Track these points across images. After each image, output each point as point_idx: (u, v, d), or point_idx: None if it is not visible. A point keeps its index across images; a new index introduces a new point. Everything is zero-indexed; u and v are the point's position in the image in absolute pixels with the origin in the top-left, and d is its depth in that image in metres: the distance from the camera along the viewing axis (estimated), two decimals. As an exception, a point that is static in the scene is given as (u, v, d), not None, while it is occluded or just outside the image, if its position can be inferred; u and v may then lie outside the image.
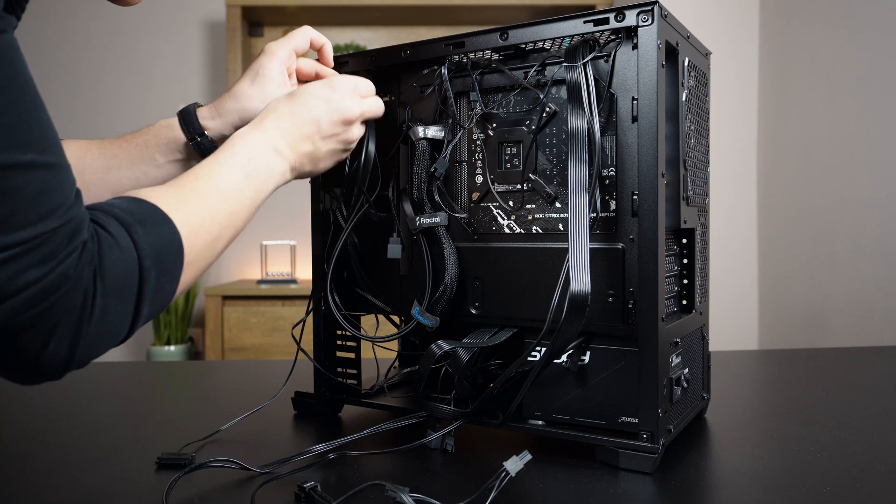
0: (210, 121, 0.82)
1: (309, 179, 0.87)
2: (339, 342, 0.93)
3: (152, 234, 0.54)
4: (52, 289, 0.46)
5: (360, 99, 0.79)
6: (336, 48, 2.96)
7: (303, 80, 0.87)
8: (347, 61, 0.88)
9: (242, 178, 0.68)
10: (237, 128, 0.81)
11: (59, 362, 0.49)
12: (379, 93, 0.84)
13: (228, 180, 0.67)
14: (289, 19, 2.93)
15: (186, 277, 0.59)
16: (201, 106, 0.84)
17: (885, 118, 1.84)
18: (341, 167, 0.84)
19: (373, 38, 3.04)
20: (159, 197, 0.58)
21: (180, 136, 0.82)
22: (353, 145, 0.81)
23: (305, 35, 0.84)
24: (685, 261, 0.82)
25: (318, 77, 0.86)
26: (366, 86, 0.81)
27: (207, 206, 0.63)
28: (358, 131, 0.80)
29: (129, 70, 3.02)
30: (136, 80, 3.02)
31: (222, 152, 0.69)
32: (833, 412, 0.93)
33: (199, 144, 0.82)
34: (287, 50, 0.83)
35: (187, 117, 0.82)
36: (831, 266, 2.04)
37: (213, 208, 0.63)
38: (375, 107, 0.81)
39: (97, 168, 0.79)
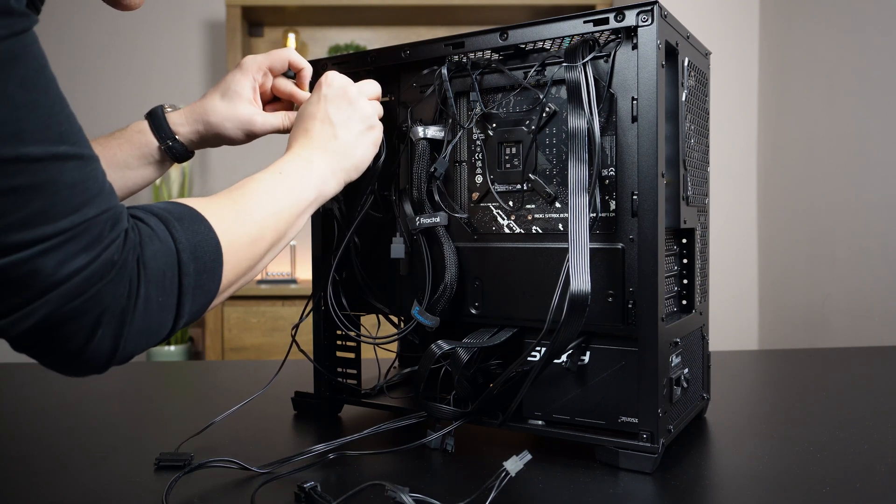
0: (181, 126, 0.84)
1: None
2: (339, 342, 0.93)
3: (189, 231, 0.55)
4: (100, 275, 0.47)
5: (347, 79, 0.79)
6: (336, 48, 2.96)
7: (278, 97, 0.87)
8: (347, 61, 0.88)
9: (274, 180, 0.68)
10: (203, 136, 0.84)
11: (103, 354, 0.49)
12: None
13: (259, 184, 0.67)
14: (289, 19, 2.93)
15: (228, 277, 0.59)
16: (170, 109, 0.85)
17: (885, 118, 1.84)
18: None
19: (373, 38, 3.04)
20: (192, 202, 0.59)
21: (152, 140, 0.84)
22: (375, 120, 0.80)
23: (284, 58, 0.85)
24: (685, 261, 0.82)
25: (291, 97, 0.87)
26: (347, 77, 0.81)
27: (241, 207, 0.63)
28: (369, 106, 0.79)
29: (129, 70, 3.02)
30: (136, 80, 3.01)
31: (257, 173, 0.70)
32: (833, 412, 0.93)
33: (171, 148, 0.84)
34: (262, 68, 0.85)
35: (157, 122, 0.84)
36: (831, 266, 2.04)
37: (248, 209, 0.63)
38: (372, 87, 0.81)
39: None
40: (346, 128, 0.76)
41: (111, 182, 0.82)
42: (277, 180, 0.69)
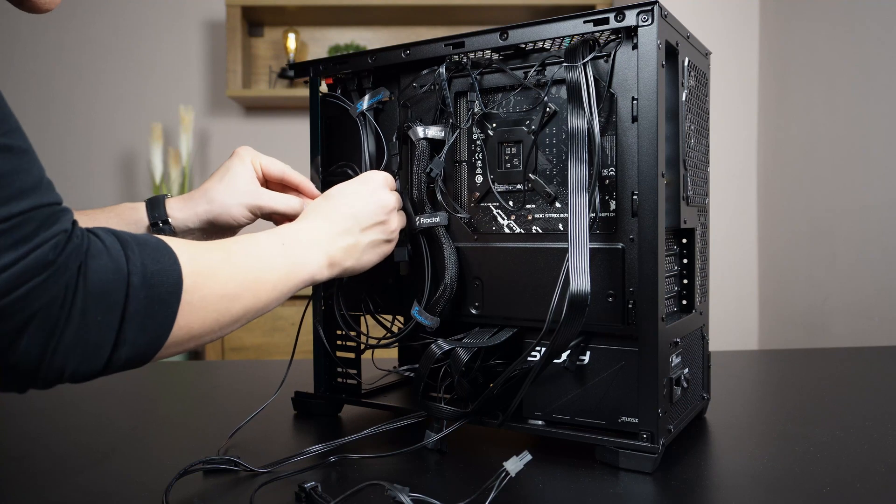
0: (177, 211, 0.81)
1: None
2: (339, 342, 0.93)
3: (148, 257, 0.51)
4: (30, 274, 0.44)
5: (391, 191, 0.79)
6: (336, 48, 2.96)
7: (270, 179, 0.86)
8: (347, 61, 0.88)
9: (274, 247, 0.66)
10: (203, 220, 0.81)
11: (29, 363, 0.46)
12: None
13: (256, 245, 0.64)
14: (289, 19, 2.92)
15: (190, 323, 0.54)
16: (169, 196, 0.83)
17: (885, 119, 1.84)
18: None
19: (373, 38, 3.04)
20: (173, 240, 0.55)
21: (143, 218, 0.81)
22: (396, 235, 0.80)
23: (280, 169, 0.85)
24: (685, 261, 0.82)
25: (283, 178, 0.85)
26: (392, 181, 0.81)
27: (227, 259, 0.60)
28: (397, 220, 0.79)
29: (129, 70, 3.02)
30: (136, 80, 3.01)
31: (260, 233, 0.67)
32: (833, 412, 0.93)
33: (161, 230, 0.80)
34: (256, 163, 0.84)
35: (155, 202, 0.81)
36: (831, 266, 2.04)
37: (233, 263, 0.60)
38: (400, 204, 0.81)
39: None
40: (368, 234, 0.76)
41: None
42: (278, 249, 0.66)
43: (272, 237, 0.67)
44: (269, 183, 0.86)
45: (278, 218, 0.84)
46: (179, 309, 0.53)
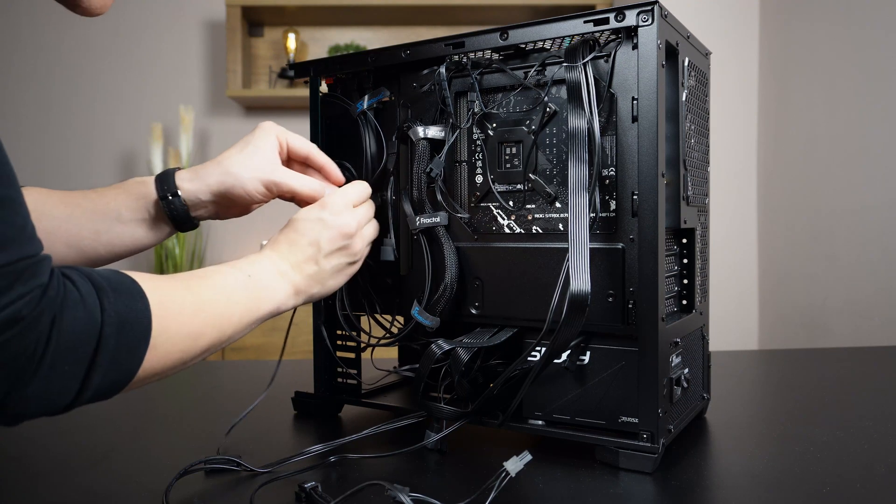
0: (187, 182, 0.78)
1: None
2: (339, 342, 0.93)
3: (121, 304, 0.51)
4: (1, 329, 0.43)
5: (354, 210, 0.78)
6: (336, 48, 2.96)
7: (294, 157, 0.83)
8: (347, 61, 0.88)
9: (239, 285, 0.66)
10: (214, 192, 0.78)
11: None
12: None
13: (224, 282, 0.64)
14: (289, 19, 2.93)
15: (152, 363, 0.54)
16: (181, 169, 0.80)
17: (885, 118, 1.84)
18: None
19: (373, 38, 3.04)
20: (143, 277, 0.55)
21: (151, 192, 0.78)
22: (362, 255, 0.79)
23: (307, 147, 0.83)
24: (685, 261, 0.82)
25: (308, 159, 0.83)
26: (356, 193, 0.79)
27: (193, 297, 0.60)
28: (361, 242, 0.78)
29: (129, 70, 3.02)
30: (136, 81, 3.02)
31: (225, 264, 0.67)
32: (833, 412, 0.93)
33: (170, 203, 0.77)
34: (282, 137, 0.81)
35: (164, 176, 0.78)
36: (831, 266, 2.04)
37: (199, 302, 0.60)
38: (368, 218, 0.80)
39: (56, 216, 0.75)
40: (331, 260, 0.75)
41: (94, 231, 0.74)
42: (243, 283, 0.66)
43: (237, 271, 0.67)
44: (291, 163, 0.84)
45: (297, 200, 0.81)
46: (147, 354, 0.53)
